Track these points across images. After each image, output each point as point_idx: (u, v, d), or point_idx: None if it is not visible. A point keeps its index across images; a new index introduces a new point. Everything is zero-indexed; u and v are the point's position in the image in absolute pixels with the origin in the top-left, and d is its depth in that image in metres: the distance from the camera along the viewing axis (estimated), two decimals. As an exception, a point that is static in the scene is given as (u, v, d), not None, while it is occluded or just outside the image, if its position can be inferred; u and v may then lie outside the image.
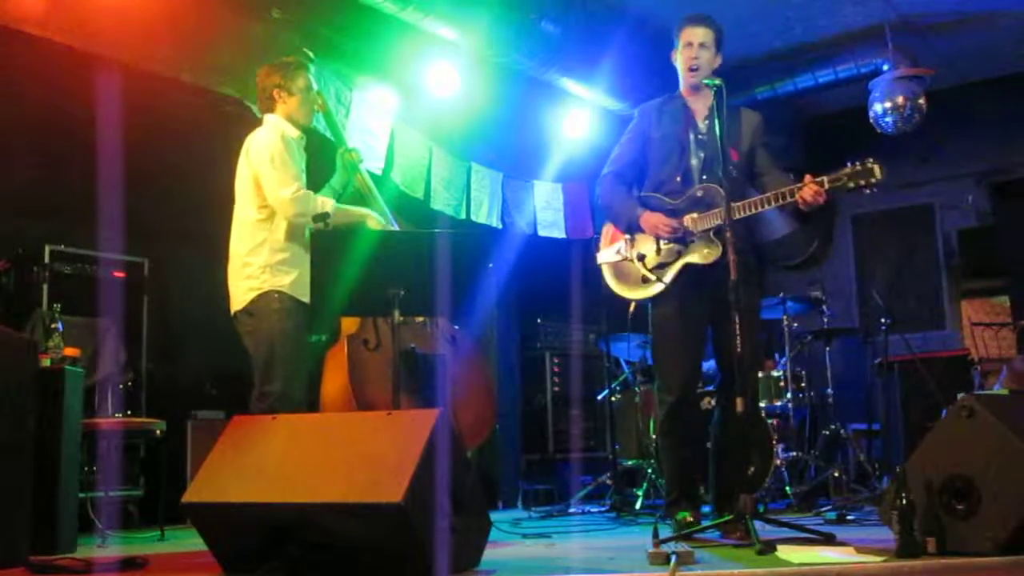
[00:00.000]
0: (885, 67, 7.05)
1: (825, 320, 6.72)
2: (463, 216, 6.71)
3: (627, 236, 4.17)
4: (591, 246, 6.40)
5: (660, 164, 4.15)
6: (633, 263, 4.10)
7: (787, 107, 8.01)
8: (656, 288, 4.03)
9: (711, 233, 3.90)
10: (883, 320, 6.52)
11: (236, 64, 5.35)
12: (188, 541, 4.31)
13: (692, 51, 4.06)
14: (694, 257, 3.96)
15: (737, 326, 3.56)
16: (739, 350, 3.57)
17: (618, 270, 4.22)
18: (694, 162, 4.07)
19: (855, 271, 8.89)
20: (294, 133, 4.15)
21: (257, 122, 4.27)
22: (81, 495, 4.38)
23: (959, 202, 8.39)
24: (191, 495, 3.06)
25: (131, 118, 5.23)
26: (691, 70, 4.06)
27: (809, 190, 3.72)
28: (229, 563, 3.05)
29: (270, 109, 4.20)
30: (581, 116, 7.29)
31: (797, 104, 8.04)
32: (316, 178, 4.32)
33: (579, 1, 6.55)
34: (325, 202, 4.05)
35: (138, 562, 3.37)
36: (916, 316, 8.28)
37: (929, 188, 8.55)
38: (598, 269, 6.08)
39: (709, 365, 4.90)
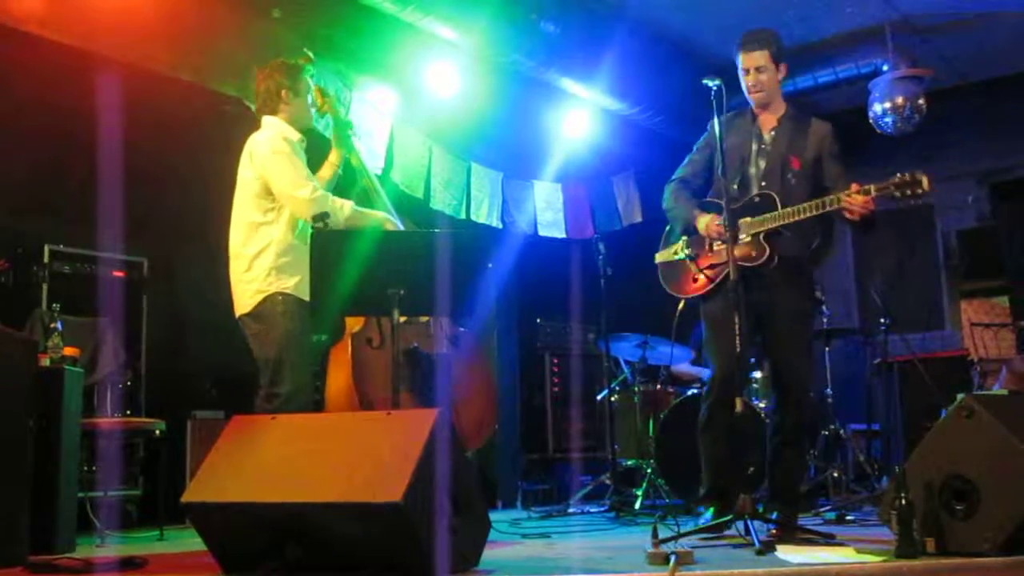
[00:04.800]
0: (885, 67, 7.05)
1: (825, 320, 6.73)
2: (463, 216, 6.71)
3: (685, 237, 4.29)
4: (591, 246, 6.42)
5: (723, 172, 4.20)
6: (687, 263, 4.24)
7: (786, 107, 8.01)
8: (704, 287, 4.16)
9: (760, 236, 3.99)
10: (883, 320, 6.52)
11: (236, 63, 5.35)
12: (187, 541, 4.31)
13: (750, 77, 4.20)
14: (746, 260, 4.02)
15: (737, 327, 3.62)
16: (739, 350, 3.61)
17: (671, 270, 4.35)
18: (753, 171, 4.19)
19: (854, 271, 8.89)
20: (295, 136, 4.13)
21: (257, 121, 4.25)
22: (80, 495, 4.38)
23: (962, 202, 8.39)
24: (190, 495, 3.06)
25: (131, 117, 5.23)
26: (752, 93, 4.22)
27: (857, 199, 3.79)
28: (228, 563, 3.05)
29: (273, 111, 4.16)
30: (581, 116, 7.29)
31: (796, 104, 8.02)
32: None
33: (578, 1, 6.55)
34: (344, 203, 4.04)
35: (137, 562, 3.37)
36: (916, 316, 8.28)
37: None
38: (598, 269, 6.12)
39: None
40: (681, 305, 4.66)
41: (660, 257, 4.40)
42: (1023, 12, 6.95)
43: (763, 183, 4.14)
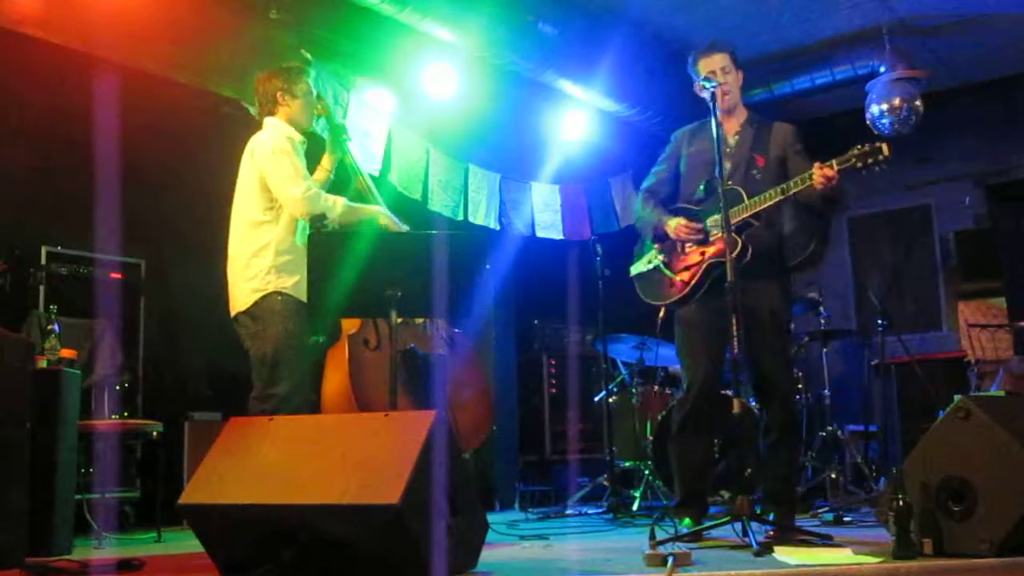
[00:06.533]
0: (882, 69, 7.06)
1: (822, 322, 6.73)
2: (461, 217, 6.71)
3: (657, 245, 4.29)
4: (588, 247, 6.42)
5: (689, 177, 4.29)
6: (661, 269, 4.24)
7: (783, 109, 8.00)
8: (684, 290, 4.12)
9: (732, 230, 3.96)
10: (880, 322, 6.53)
11: (233, 65, 5.35)
12: (184, 543, 4.31)
13: (717, 77, 4.18)
14: (720, 256, 4.00)
15: (734, 327, 3.61)
16: (735, 351, 3.61)
17: (648, 279, 4.32)
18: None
19: (852, 273, 8.90)
20: (297, 136, 4.16)
21: (254, 123, 4.27)
22: (77, 497, 4.38)
23: (959, 203, 8.41)
24: (188, 496, 3.05)
25: (128, 119, 5.23)
26: (725, 95, 4.18)
27: (820, 175, 3.79)
28: (225, 565, 3.04)
29: (271, 112, 4.20)
30: (578, 117, 7.29)
31: (794, 106, 8.04)
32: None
33: (576, 3, 6.55)
34: (337, 201, 4.05)
35: (134, 564, 3.37)
36: (913, 318, 8.29)
37: (926, 190, 8.56)
38: (595, 270, 6.12)
39: None
40: (663, 312, 4.65)
41: (635, 269, 4.39)
42: (1019, 14, 6.96)
43: (729, 182, 4.11)
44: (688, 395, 4.15)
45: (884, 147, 3.75)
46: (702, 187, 4.18)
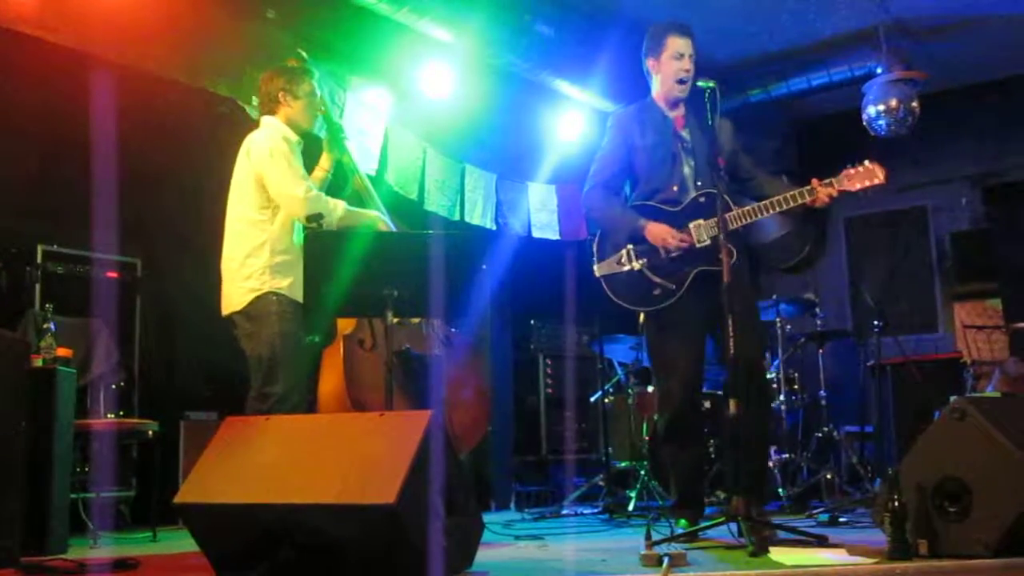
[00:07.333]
0: (878, 70, 7.07)
1: (818, 323, 6.74)
2: (457, 217, 6.71)
3: (629, 246, 4.13)
4: (585, 248, 6.40)
5: (651, 173, 4.18)
6: (644, 274, 4.08)
7: (780, 110, 8.02)
8: (670, 297, 4.03)
9: (722, 238, 3.89)
10: (876, 323, 6.53)
11: (230, 64, 5.35)
12: (180, 542, 4.30)
13: (684, 63, 4.12)
14: (708, 264, 3.95)
15: (730, 328, 3.59)
16: (731, 352, 3.60)
17: (621, 282, 4.14)
18: (686, 170, 4.13)
19: (848, 273, 8.91)
20: (293, 137, 4.15)
21: (250, 122, 4.27)
22: (73, 496, 4.37)
23: (955, 204, 8.42)
24: (183, 496, 3.05)
25: (125, 118, 5.22)
26: (681, 82, 4.11)
27: (826, 195, 3.86)
28: (221, 564, 3.04)
29: (272, 112, 4.19)
30: (575, 118, 7.29)
31: (790, 107, 8.05)
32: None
33: (573, 2, 6.55)
34: (337, 203, 4.04)
35: (130, 563, 3.37)
36: (909, 319, 8.29)
37: (922, 191, 8.57)
38: (592, 272, 6.11)
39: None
40: (643, 318, 4.52)
41: (604, 270, 4.18)
42: (1016, 15, 6.97)
43: (699, 183, 4.08)
44: (671, 401, 4.10)
45: (877, 170, 3.84)
46: (675, 187, 4.12)
